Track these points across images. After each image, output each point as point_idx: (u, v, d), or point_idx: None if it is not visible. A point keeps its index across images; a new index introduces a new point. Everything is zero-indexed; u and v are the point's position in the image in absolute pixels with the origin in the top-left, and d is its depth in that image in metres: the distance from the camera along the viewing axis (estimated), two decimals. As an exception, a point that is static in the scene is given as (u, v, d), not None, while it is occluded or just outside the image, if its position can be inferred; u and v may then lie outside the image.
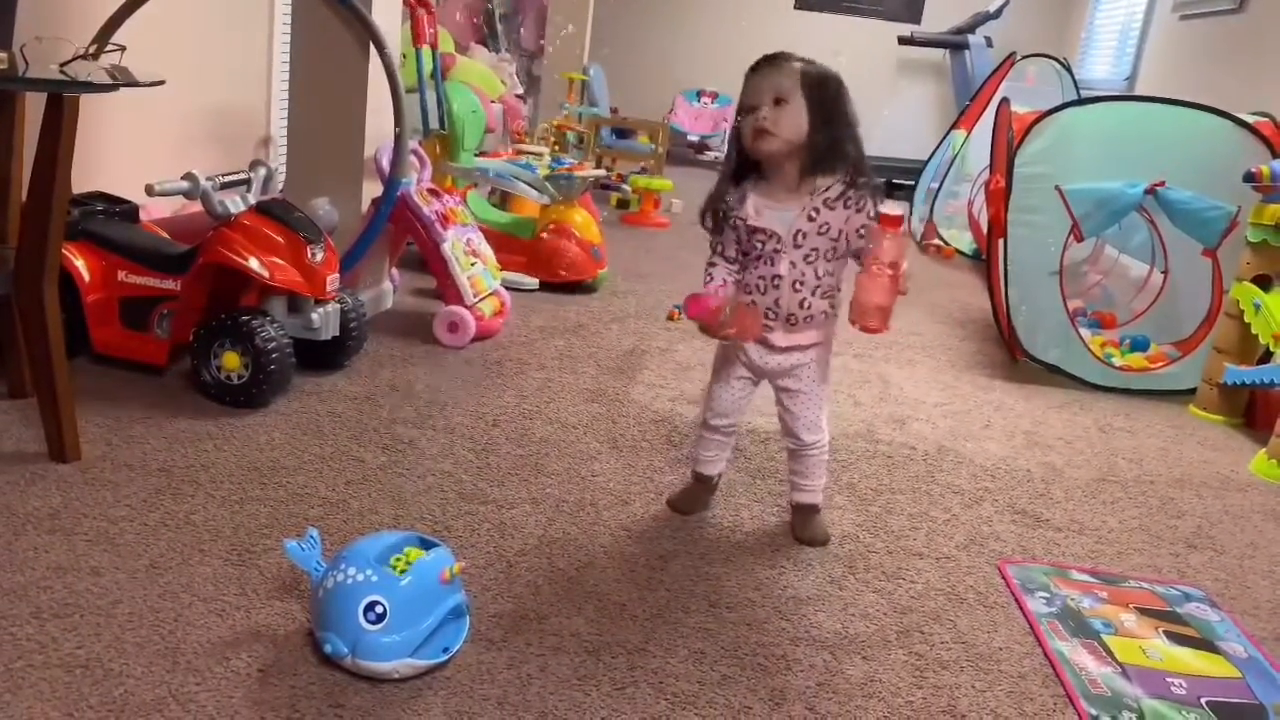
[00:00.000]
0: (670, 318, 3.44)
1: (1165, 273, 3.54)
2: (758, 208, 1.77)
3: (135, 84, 1.75)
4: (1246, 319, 2.86)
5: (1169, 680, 1.59)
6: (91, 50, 1.95)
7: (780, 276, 1.77)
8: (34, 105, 1.86)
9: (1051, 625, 1.71)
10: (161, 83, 1.82)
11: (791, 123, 1.69)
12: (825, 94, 1.71)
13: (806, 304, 1.78)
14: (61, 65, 1.69)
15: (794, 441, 1.92)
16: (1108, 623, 1.74)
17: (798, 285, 1.77)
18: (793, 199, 1.75)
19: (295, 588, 1.55)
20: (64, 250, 2.18)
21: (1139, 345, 3.40)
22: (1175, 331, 3.37)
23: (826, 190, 1.74)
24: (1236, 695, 1.57)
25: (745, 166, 1.79)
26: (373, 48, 2.77)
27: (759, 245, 1.77)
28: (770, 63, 1.73)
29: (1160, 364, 3.23)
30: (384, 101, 2.83)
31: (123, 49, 1.99)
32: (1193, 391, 3.10)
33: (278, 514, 1.78)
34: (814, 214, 1.74)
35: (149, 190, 2.13)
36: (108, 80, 1.73)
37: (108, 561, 1.57)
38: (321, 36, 2.79)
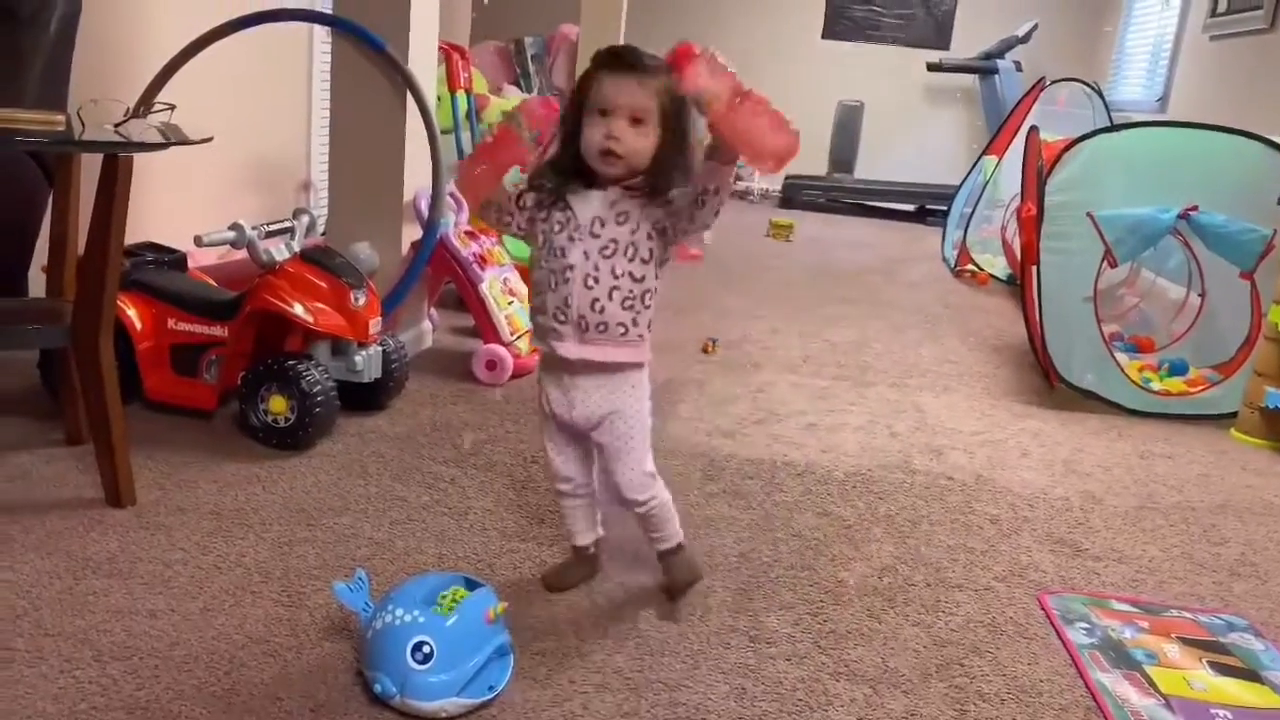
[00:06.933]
0: (705, 350, 3.47)
1: (1203, 295, 3.52)
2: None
3: (186, 142, 1.83)
4: (1285, 341, 2.84)
5: (1214, 712, 1.58)
6: (142, 110, 2.04)
7: (572, 267, 1.57)
8: (89, 162, 1.94)
9: (1093, 656, 1.71)
10: (210, 139, 1.89)
11: (641, 147, 1.53)
12: (682, 118, 1.54)
13: (599, 306, 1.57)
14: (116, 126, 1.77)
15: (622, 504, 1.73)
16: (1150, 653, 1.73)
17: (590, 281, 1.57)
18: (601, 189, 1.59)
19: (344, 628, 1.59)
20: (117, 300, 2.26)
21: (1177, 369, 3.37)
22: (1215, 354, 3.33)
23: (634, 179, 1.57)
24: (1283, 726, 1.56)
25: (572, 166, 1.59)
26: (409, 94, 2.85)
27: (557, 227, 1.58)
28: (630, 67, 1.53)
29: (1200, 388, 3.20)
30: (421, 146, 2.91)
31: (172, 107, 2.08)
32: (1234, 415, 3.07)
33: (325, 555, 1.83)
34: (614, 201, 1.57)
35: (198, 241, 2.21)
36: (160, 139, 1.81)
37: (164, 604, 1.62)
38: (360, 85, 2.88)
